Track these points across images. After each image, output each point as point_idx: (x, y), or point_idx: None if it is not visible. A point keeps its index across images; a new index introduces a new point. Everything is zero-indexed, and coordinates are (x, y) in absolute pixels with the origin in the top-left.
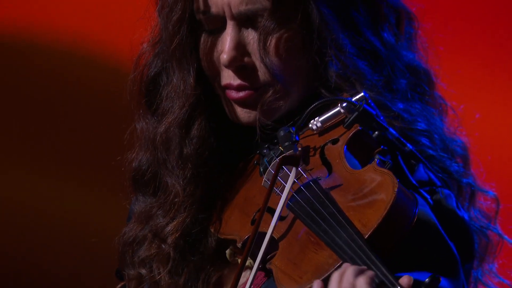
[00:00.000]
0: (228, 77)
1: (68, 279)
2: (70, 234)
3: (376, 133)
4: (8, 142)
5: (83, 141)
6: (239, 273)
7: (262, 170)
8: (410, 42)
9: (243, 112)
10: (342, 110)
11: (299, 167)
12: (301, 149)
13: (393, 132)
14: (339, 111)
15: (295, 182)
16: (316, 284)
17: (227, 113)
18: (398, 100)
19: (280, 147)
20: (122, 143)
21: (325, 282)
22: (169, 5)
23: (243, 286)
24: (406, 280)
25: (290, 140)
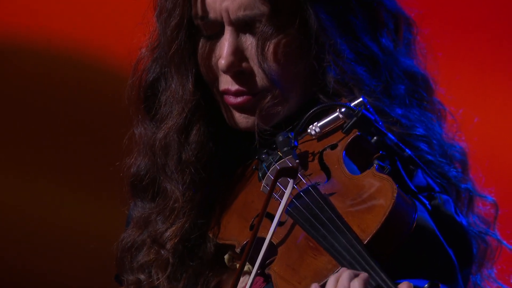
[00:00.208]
0: (226, 83)
1: (67, 285)
2: (69, 240)
3: (375, 139)
4: (6, 147)
5: (82, 147)
6: (237, 278)
7: (261, 176)
8: (409, 48)
9: (242, 118)
10: (341, 116)
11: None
12: (298, 161)
13: (392, 138)
14: (338, 117)
15: (294, 188)
16: None
17: (226, 119)
18: (397, 106)
19: (279, 152)
20: (121, 149)
21: None
22: (168, 11)
23: None
24: (405, 287)
25: (289, 145)
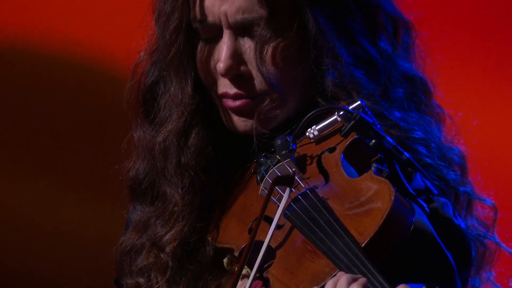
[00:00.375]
0: (225, 86)
1: None
2: (68, 243)
3: (373, 142)
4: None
5: (81, 150)
6: (236, 282)
7: (259, 179)
8: (407, 51)
9: (240, 121)
10: (339, 119)
11: (296, 176)
12: (295, 169)
13: (390, 141)
14: (336, 120)
15: (292, 191)
16: None
17: (224, 122)
18: (395, 109)
19: (277, 156)
20: (120, 152)
21: None
22: (166, 14)
23: None
24: None
25: (287, 149)
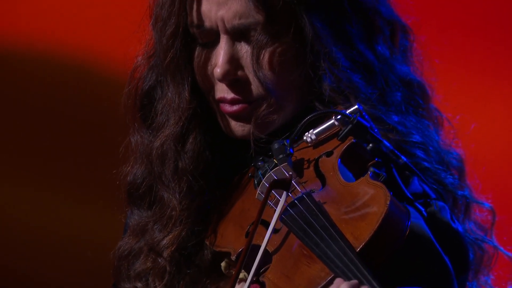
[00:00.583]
0: (222, 91)
1: None
2: (66, 248)
3: (371, 146)
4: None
5: (78, 154)
6: (233, 286)
7: (257, 183)
8: (405, 55)
9: (237, 126)
10: (336, 123)
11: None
12: (291, 174)
13: (388, 145)
14: (333, 124)
15: (289, 195)
16: None
17: (222, 127)
18: (393, 113)
19: (275, 160)
20: (117, 157)
21: None
22: (163, 19)
23: None
24: None
25: (284, 153)
